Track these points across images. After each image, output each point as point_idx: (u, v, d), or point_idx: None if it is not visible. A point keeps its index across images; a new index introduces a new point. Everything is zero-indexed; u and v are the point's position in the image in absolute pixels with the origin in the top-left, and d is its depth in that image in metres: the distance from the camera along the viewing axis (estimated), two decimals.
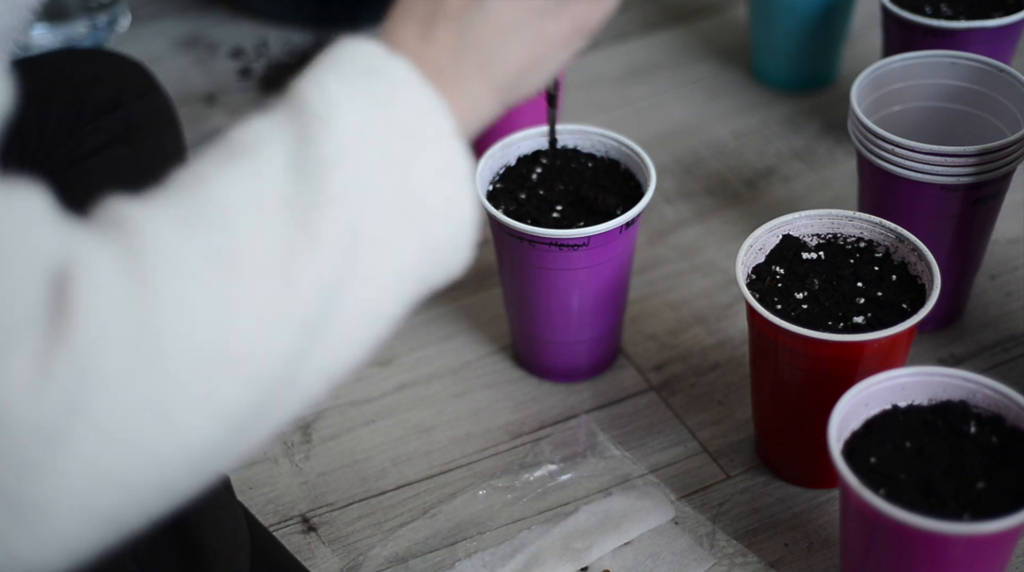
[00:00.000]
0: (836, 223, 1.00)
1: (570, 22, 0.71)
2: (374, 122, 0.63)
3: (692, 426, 1.08)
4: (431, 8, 0.69)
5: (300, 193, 0.60)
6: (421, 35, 0.68)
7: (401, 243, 0.63)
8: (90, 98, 0.97)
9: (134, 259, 0.56)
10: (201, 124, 1.43)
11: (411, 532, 1.00)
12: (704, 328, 1.16)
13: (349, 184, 0.61)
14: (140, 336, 0.54)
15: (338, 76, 0.64)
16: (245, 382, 0.58)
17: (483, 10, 0.69)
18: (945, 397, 0.89)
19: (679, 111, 1.42)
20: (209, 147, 0.62)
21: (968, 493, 0.82)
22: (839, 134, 1.37)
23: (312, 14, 1.56)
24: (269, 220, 0.59)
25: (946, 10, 1.22)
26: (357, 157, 0.61)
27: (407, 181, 0.63)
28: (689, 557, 0.97)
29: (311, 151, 0.61)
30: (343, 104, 0.63)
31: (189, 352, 0.56)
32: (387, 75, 0.64)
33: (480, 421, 1.09)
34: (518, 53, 0.70)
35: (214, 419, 0.57)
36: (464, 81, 0.68)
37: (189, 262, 0.57)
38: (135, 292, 0.55)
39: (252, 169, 0.60)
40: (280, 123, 0.62)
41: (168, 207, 0.58)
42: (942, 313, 1.13)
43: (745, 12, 1.54)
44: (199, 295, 0.56)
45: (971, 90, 1.11)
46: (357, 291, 0.62)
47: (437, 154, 0.64)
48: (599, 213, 1.03)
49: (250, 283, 0.58)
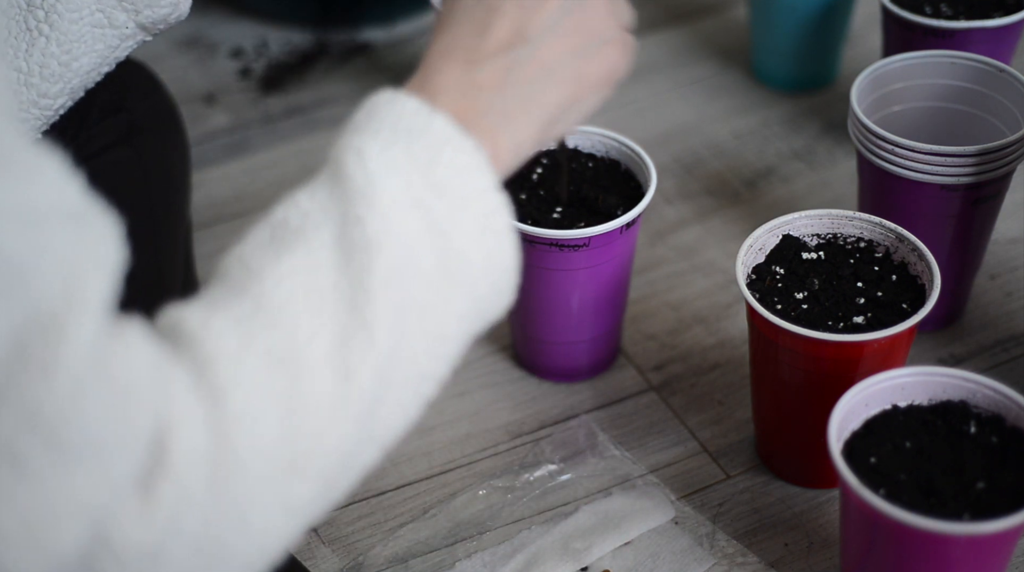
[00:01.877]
0: (836, 223, 1.00)
1: (603, 65, 0.73)
2: (416, 187, 0.63)
3: (692, 426, 1.08)
4: (475, 44, 0.69)
5: (350, 278, 0.61)
6: (465, 75, 0.68)
7: (447, 305, 0.64)
8: (94, 99, 0.97)
9: (204, 373, 0.58)
10: (201, 124, 1.44)
11: (411, 532, 1.00)
12: (704, 328, 1.16)
13: (396, 262, 0.61)
14: (217, 452, 0.57)
15: (377, 141, 0.64)
16: (313, 478, 0.60)
17: (528, 48, 0.69)
18: (945, 397, 0.89)
19: (679, 111, 1.42)
20: (257, 227, 0.63)
21: (968, 493, 0.82)
22: (839, 134, 1.37)
23: (312, 14, 1.56)
24: (323, 312, 0.60)
25: (946, 10, 1.22)
26: (401, 231, 0.62)
27: (450, 244, 0.63)
28: (689, 557, 0.97)
29: (357, 233, 0.61)
30: (384, 175, 0.63)
31: (261, 459, 0.58)
32: (427, 135, 0.64)
33: (480, 421, 1.09)
34: (558, 92, 0.71)
35: (287, 517, 0.60)
36: (507, 120, 0.68)
37: (252, 369, 0.58)
38: (209, 408, 0.57)
39: (302, 261, 0.61)
40: (325, 203, 0.63)
41: (226, 308, 0.60)
42: (942, 313, 1.13)
43: (745, 12, 1.54)
44: (265, 402, 0.58)
45: (971, 90, 1.11)
46: (407, 361, 0.63)
47: (479, 212, 0.64)
48: (599, 213, 1.03)
49: (311, 383, 0.59)
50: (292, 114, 1.45)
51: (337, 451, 0.61)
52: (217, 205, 1.34)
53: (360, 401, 0.61)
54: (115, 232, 0.56)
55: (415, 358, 0.63)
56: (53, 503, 0.53)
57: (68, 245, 0.53)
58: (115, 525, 0.54)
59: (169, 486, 0.55)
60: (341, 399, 0.60)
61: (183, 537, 0.56)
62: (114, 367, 0.54)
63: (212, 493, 0.56)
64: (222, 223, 1.31)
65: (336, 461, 0.61)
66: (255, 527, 0.58)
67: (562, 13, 0.71)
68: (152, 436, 0.55)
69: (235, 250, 0.63)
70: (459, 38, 0.69)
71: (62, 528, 0.53)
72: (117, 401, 0.54)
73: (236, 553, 0.58)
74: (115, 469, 0.54)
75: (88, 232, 0.55)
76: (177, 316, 0.60)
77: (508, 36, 0.69)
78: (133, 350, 0.56)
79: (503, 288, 0.67)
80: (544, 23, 0.70)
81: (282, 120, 1.45)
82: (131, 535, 0.54)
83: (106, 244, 0.56)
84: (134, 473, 0.55)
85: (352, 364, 0.60)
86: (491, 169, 0.66)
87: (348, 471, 0.62)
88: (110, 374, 0.54)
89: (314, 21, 1.57)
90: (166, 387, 0.56)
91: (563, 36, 0.70)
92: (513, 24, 0.69)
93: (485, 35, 0.69)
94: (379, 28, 1.57)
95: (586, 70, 0.72)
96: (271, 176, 1.37)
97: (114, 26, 0.89)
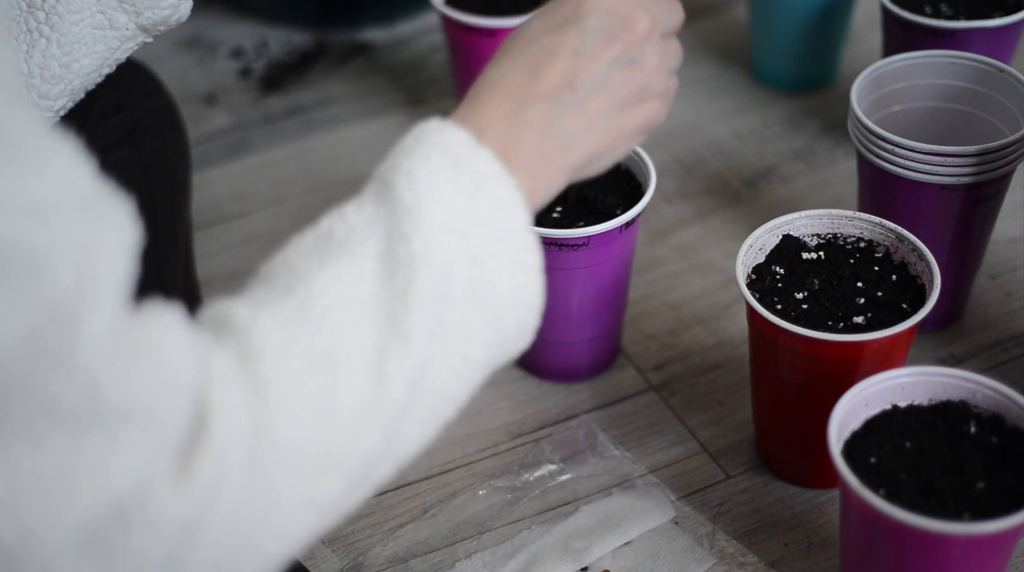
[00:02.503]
0: (836, 223, 1.00)
1: (643, 117, 0.75)
2: (458, 215, 0.66)
3: (692, 426, 1.08)
4: (525, 85, 0.71)
5: (391, 291, 0.63)
6: (512, 114, 0.70)
7: (475, 331, 0.66)
8: (94, 100, 0.98)
9: (248, 364, 0.59)
10: (201, 124, 1.44)
11: (411, 532, 1.00)
12: (704, 328, 1.16)
13: (435, 281, 0.64)
14: (255, 439, 0.58)
15: (426, 166, 0.66)
16: (339, 478, 0.62)
17: (574, 96, 0.72)
18: (945, 397, 0.89)
19: (679, 111, 1.42)
20: (301, 236, 0.66)
21: (968, 493, 0.82)
22: (839, 134, 1.37)
23: (312, 14, 1.56)
24: (364, 319, 0.63)
25: (946, 10, 1.22)
26: (442, 253, 0.65)
27: (484, 273, 0.66)
28: (689, 557, 0.97)
29: (401, 249, 0.64)
30: (431, 197, 0.65)
31: (295, 453, 0.60)
32: (473, 166, 0.67)
33: (480, 421, 1.09)
34: (596, 141, 0.73)
35: (310, 513, 0.61)
36: (543, 162, 0.71)
37: (294, 366, 0.60)
38: (251, 397, 0.59)
39: (347, 270, 0.63)
40: (372, 217, 0.65)
41: (272, 308, 0.62)
42: (942, 313, 1.13)
43: (745, 12, 1.54)
44: (303, 399, 0.60)
45: (971, 90, 1.11)
46: (434, 379, 0.65)
47: (513, 247, 0.67)
48: (599, 213, 1.03)
49: (347, 385, 0.61)
50: (292, 114, 1.45)
51: (364, 455, 0.63)
52: (217, 205, 1.34)
53: (391, 409, 0.63)
54: (128, 215, 0.57)
55: (442, 376, 0.66)
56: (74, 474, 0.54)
57: (79, 234, 0.54)
58: (151, 494, 0.55)
59: (209, 463, 0.56)
60: (374, 404, 0.62)
61: (216, 517, 0.57)
62: (140, 347, 0.55)
63: (247, 478, 0.58)
64: (222, 223, 1.31)
65: (361, 466, 0.63)
66: (281, 518, 0.60)
67: (615, 67, 0.73)
68: (193, 411, 0.57)
69: (279, 256, 0.66)
70: (511, 74, 0.72)
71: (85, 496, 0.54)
72: (145, 379, 0.55)
73: (260, 542, 0.59)
74: (149, 441, 0.55)
75: (100, 219, 0.55)
76: (227, 309, 0.62)
77: (558, 82, 0.71)
78: (168, 332, 0.57)
79: (527, 325, 0.70)
80: (595, 76, 0.72)
81: (282, 120, 1.45)
82: (168, 505, 0.55)
83: (119, 228, 0.56)
84: (172, 446, 0.56)
85: (387, 372, 0.62)
86: (527, 208, 0.68)
87: (368, 480, 0.64)
88: (135, 354, 0.55)
89: (314, 21, 1.57)
90: (207, 368, 0.58)
91: (611, 90, 0.73)
92: (565, 72, 0.71)
93: (537, 78, 0.71)
94: (379, 28, 1.57)
95: (626, 122, 0.74)
96: (271, 176, 1.37)
97: (115, 28, 0.89)
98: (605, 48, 0.72)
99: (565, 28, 0.72)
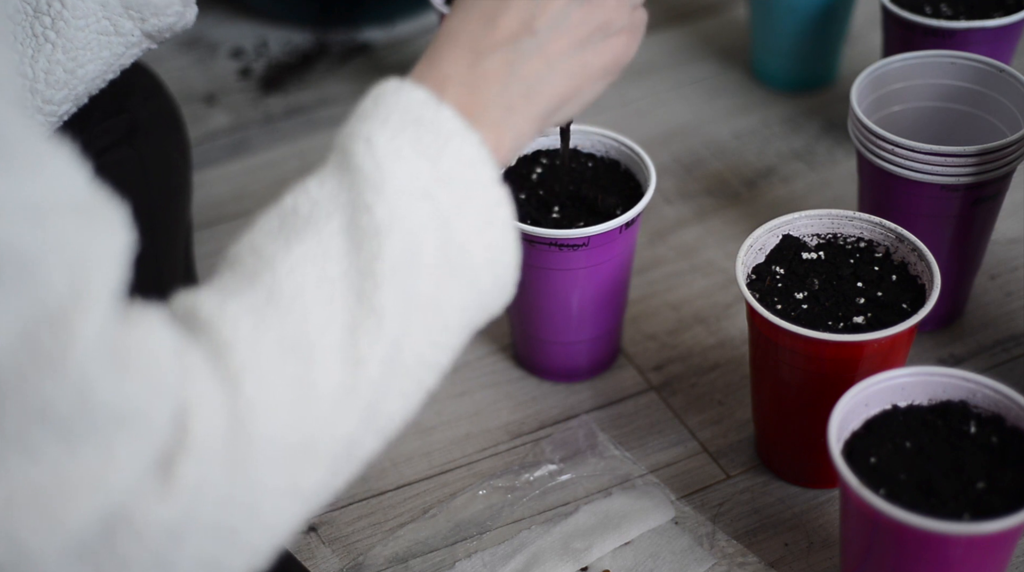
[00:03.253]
0: (836, 223, 1.00)
1: (610, 54, 0.73)
2: (422, 177, 0.64)
3: (692, 426, 1.08)
4: (481, 34, 0.69)
5: (359, 266, 0.62)
6: (471, 65, 0.68)
7: (449, 296, 0.65)
8: (95, 100, 0.98)
9: (220, 358, 0.59)
10: (201, 124, 1.44)
11: (411, 532, 1.00)
12: (704, 328, 1.16)
13: (402, 250, 0.62)
14: (234, 434, 0.58)
15: (386, 130, 0.64)
16: (322, 463, 0.61)
17: (534, 40, 0.69)
18: (945, 397, 0.89)
19: (679, 111, 1.42)
20: (266, 214, 0.65)
21: (968, 493, 0.82)
22: (839, 134, 1.37)
23: (312, 14, 1.56)
24: (334, 299, 0.61)
25: (946, 10, 1.22)
26: (408, 220, 0.63)
27: (453, 235, 0.64)
28: (689, 557, 0.97)
29: (366, 220, 0.62)
30: (392, 163, 0.64)
31: (274, 443, 0.59)
32: (434, 126, 0.65)
33: (480, 421, 1.09)
34: (561, 84, 0.71)
35: (295, 501, 0.61)
36: (510, 112, 0.69)
37: (266, 355, 0.59)
38: (226, 392, 0.58)
39: (313, 249, 0.62)
40: (334, 191, 0.64)
41: (239, 295, 0.61)
42: (942, 313, 1.13)
43: (745, 12, 1.54)
44: (279, 388, 0.59)
45: (971, 90, 1.11)
46: (411, 350, 0.64)
47: (481, 204, 0.65)
48: (599, 213, 1.03)
49: (323, 369, 0.60)
50: (292, 114, 1.45)
51: (344, 438, 0.62)
52: (217, 205, 1.34)
53: (368, 388, 0.62)
54: (122, 220, 0.57)
55: (419, 346, 0.64)
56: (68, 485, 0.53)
57: (74, 238, 0.54)
58: (137, 502, 0.55)
59: (190, 465, 0.56)
60: (350, 386, 0.61)
61: (200, 516, 0.57)
62: (130, 352, 0.55)
63: (228, 474, 0.57)
64: (222, 223, 1.31)
65: (343, 448, 0.62)
66: (266, 509, 0.59)
67: (572, 6, 0.70)
68: (174, 416, 0.56)
69: (245, 238, 0.64)
70: (468, 23, 0.69)
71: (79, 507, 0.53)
72: (135, 384, 0.55)
73: (246, 536, 0.59)
74: (138, 448, 0.55)
75: (94, 223, 0.55)
76: (192, 301, 0.61)
77: (515, 27, 0.69)
78: (153, 335, 0.57)
79: (504, 281, 0.68)
80: (552, 16, 0.70)
81: (282, 120, 1.45)
82: (152, 512, 0.55)
83: (113, 233, 0.56)
84: (157, 452, 0.56)
85: (361, 352, 0.61)
86: (494, 162, 0.66)
87: (352, 459, 0.63)
88: (125, 360, 0.55)
89: (314, 21, 1.57)
90: (186, 370, 0.57)
91: (571, 29, 0.70)
92: (521, 15, 0.69)
93: (493, 25, 0.69)
94: (379, 28, 1.57)
95: (591, 61, 0.72)
96: (271, 176, 1.37)
97: (120, 34, 0.89)
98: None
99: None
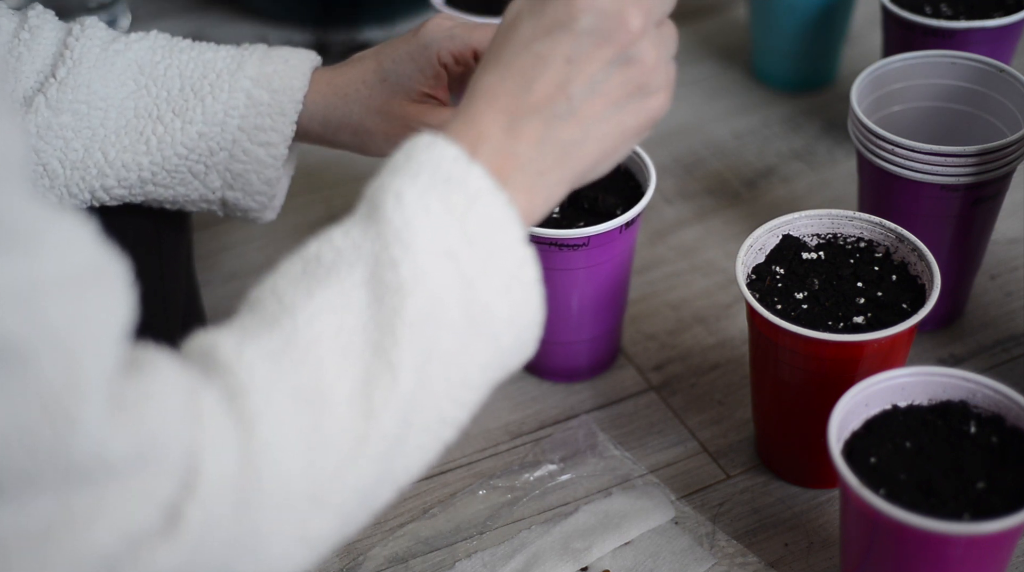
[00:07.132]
0: (836, 223, 1.00)
1: (644, 115, 0.72)
2: (449, 237, 0.64)
3: (692, 426, 1.08)
4: (518, 96, 0.68)
5: (379, 320, 0.62)
6: (507, 128, 0.68)
7: (470, 354, 0.65)
8: None
9: (235, 402, 0.59)
10: None
11: (411, 532, 1.00)
12: (704, 328, 1.16)
13: (424, 307, 0.62)
14: (244, 480, 0.58)
15: (416, 186, 0.64)
16: (332, 512, 0.61)
17: (569, 103, 0.68)
18: (945, 397, 0.89)
19: (679, 111, 1.42)
20: (289, 260, 0.64)
21: (968, 493, 0.82)
22: (839, 134, 1.37)
23: (312, 14, 1.56)
24: (351, 351, 0.61)
25: (946, 10, 1.22)
26: (432, 278, 0.63)
27: (477, 295, 0.64)
28: (689, 557, 0.97)
29: (390, 275, 0.62)
30: (420, 220, 0.63)
31: (283, 490, 0.59)
32: (464, 184, 0.65)
33: (480, 421, 1.09)
34: (596, 148, 0.70)
35: (303, 548, 0.61)
36: (542, 175, 0.68)
37: (280, 403, 0.59)
38: (239, 437, 0.58)
39: (334, 298, 0.62)
40: (359, 241, 0.63)
41: (258, 340, 0.61)
42: (942, 313, 1.13)
43: (745, 12, 1.54)
44: (290, 437, 0.59)
45: (971, 90, 1.11)
46: (429, 406, 0.64)
47: (507, 265, 0.65)
48: (599, 213, 1.03)
49: (335, 421, 0.60)
50: None
51: (356, 488, 0.62)
52: None
53: (381, 441, 0.62)
54: (124, 282, 0.57)
55: (437, 403, 0.64)
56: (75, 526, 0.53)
57: (68, 317, 0.53)
58: (143, 543, 0.55)
59: (198, 509, 0.56)
60: (362, 438, 0.61)
61: (206, 558, 0.57)
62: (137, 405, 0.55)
63: (236, 518, 0.57)
64: (222, 223, 1.31)
65: (354, 498, 0.62)
66: (272, 555, 0.59)
67: (609, 70, 0.69)
68: (183, 458, 0.56)
69: (268, 281, 0.64)
70: (504, 83, 0.69)
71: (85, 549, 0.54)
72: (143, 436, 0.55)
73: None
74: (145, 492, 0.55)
75: (92, 294, 0.55)
76: (211, 341, 0.61)
77: (551, 92, 0.68)
78: (161, 381, 0.56)
79: (527, 339, 0.68)
80: (588, 79, 0.68)
81: None
82: (158, 556, 0.55)
83: (113, 300, 0.56)
84: (166, 494, 0.56)
85: (375, 405, 0.61)
86: (521, 223, 0.66)
87: (365, 508, 0.64)
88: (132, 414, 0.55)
89: (314, 21, 1.57)
90: (198, 415, 0.57)
91: (607, 93, 0.69)
92: (557, 79, 0.68)
93: (530, 87, 0.68)
94: (379, 28, 1.57)
95: (627, 122, 0.71)
96: None
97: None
98: (599, 51, 0.68)
99: (556, 33, 0.68)
